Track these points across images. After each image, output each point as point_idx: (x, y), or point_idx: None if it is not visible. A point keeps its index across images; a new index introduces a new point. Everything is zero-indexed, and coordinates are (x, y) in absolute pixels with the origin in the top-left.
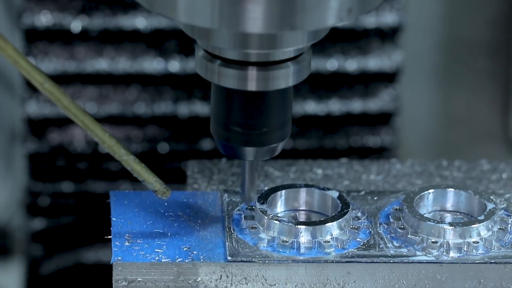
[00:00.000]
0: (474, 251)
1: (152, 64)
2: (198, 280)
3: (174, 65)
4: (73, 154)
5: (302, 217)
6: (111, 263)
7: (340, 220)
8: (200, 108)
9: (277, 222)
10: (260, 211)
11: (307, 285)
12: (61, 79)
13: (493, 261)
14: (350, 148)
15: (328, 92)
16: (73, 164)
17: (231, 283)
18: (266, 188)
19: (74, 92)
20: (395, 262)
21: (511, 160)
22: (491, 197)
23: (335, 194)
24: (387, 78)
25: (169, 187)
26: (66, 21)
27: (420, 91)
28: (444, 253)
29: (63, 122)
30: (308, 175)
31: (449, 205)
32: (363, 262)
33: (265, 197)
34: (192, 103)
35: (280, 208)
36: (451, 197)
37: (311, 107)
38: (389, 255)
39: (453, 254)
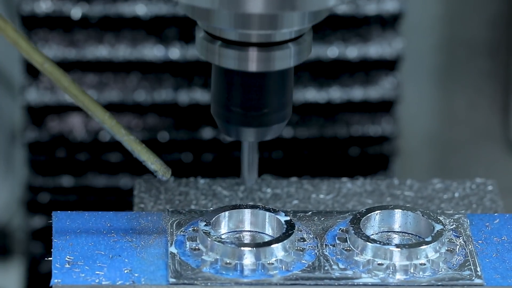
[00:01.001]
0: (421, 273)
1: (152, 51)
2: None
3: (175, 52)
4: (73, 143)
5: (246, 238)
6: (50, 286)
7: (284, 241)
8: (201, 95)
9: (220, 244)
10: (203, 232)
11: None
12: (61, 66)
13: (440, 283)
14: (350, 138)
15: (329, 80)
16: (73, 155)
17: None
18: (211, 209)
19: (74, 79)
20: (340, 285)
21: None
22: (440, 217)
23: (280, 215)
24: (388, 65)
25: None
26: (66, 8)
27: (421, 91)
28: (390, 275)
29: (63, 110)
30: (257, 194)
31: (396, 226)
32: (307, 285)
33: (209, 218)
34: (193, 90)
35: (224, 229)
36: (398, 218)
37: (312, 94)
38: (334, 277)
39: (399, 276)
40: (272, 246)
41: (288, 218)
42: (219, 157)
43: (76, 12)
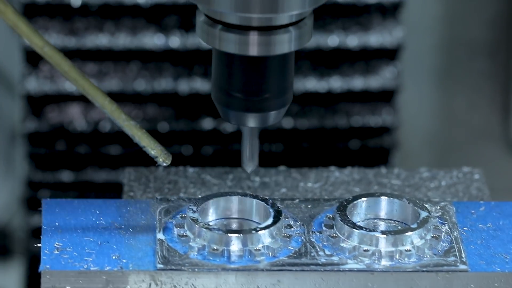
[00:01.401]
0: (406, 259)
1: (153, 40)
2: None
3: (175, 41)
4: (73, 134)
5: (234, 225)
6: (39, 271)
7: (271, 228)
8: (201, 85)
9: (208, 230)
10: (191, 219)
11: None
12: None
13: (424, 269)
14: (350, 128)
15: (329, 69)
16: (73, 148)
17: None
18: (199, 196)
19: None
20: (326, 271)
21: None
22: (426, 205)
23: (268, 202)
24: (388, 54)
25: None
26: None
27: (421, 92)
28: (376, 262)
29: (63, 99)
30: (246, 183)
31: (383, 213)
32: (293, 271)
33: (197, 205)
34: (193, 80)
35: (211, 216)
36: (385, 205)
37: (312, 84)
38: (320, 263)
39: (385, 262)
40: (259, 232)
41: (275, 205)
42: (219, 150)
43: (76, 0)
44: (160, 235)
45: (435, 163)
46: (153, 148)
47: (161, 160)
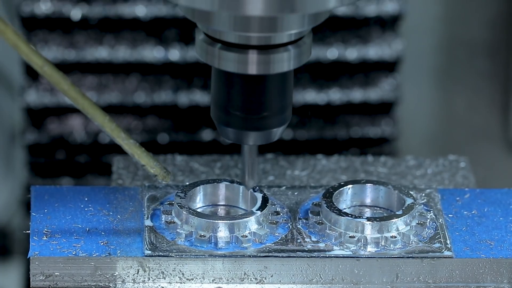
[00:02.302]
0: (391, 245)
1: (152, 53)
2: (115, 274)
3: (174, 54)
4: (73, 145)
5: (221, 212)
6: (28, 257)
7: (258, 215)
8: (200, 97)
9: (195, 217)
10: (179, 206)
11: (224, 279)
12: (60, 68)
13: (410, 255)
14: (350, 139)
15: (329, 81)
16: (73, 157)
17: (149, 278)
18: (187, 184)
19: (74, 81)
20: (312, 257)
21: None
22: (411, 192)
23: (254, 189)
24: (388, 67)
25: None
26: (66, 9)
27: (420, 92)
28: (362, 248)
29: (63, 111)
30: (233, 170)
31: (368, 200)
32: (280, 257)
33: (184, 192)
34: (192, 92)
35: (199, 203)
36: (370, 192)
37: (311, 96)
38: (306, 249)
39: (370, 248)
40: (246, 219)
41: (262, 191)
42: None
43: (76, 13)
44: (148, 222)
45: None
46: (152, 167)
47: (160, 178)
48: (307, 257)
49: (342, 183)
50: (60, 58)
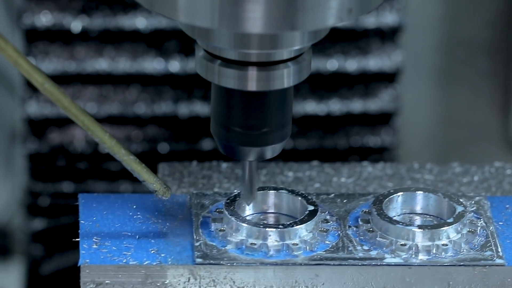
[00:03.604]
0: (443, 253)
1: (152, 64)
2: (166, 282)
3: (174, 65)
4: (74, 154)
5: (271, 220)
6: (78, 265)
7: (308, 222)
8: (201, 108)
9: (245, 225)
10: (229, 214)
11: (275, 287)
12: (61, 79)
13: (462, 263)
14: (350, 148)
15: (329, 92)
16: (73, 164)
17: (199, 286)
18: (235, 191)
19: (74, 92)
20: (363, 265)
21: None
22: (461, 199)
23: (304, 196)
24: (387, 78)
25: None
26: (66, 21)
27: (420, 91)
28: (413, 256)
29: (64, 122)
30: (279, 178)
31: (418, 208)
32: (331, 265)
33: (234, 200)
34: (192, 103)
35: (249, 211)
36: (420, 200)
37: (311, 107)
38: (358, 257)
39: (422, 256)
40: (296, 227)
41: (311, 199)
42: None
43: (76, 26)
44: (197, 230)
45: (435, 163)
46: (152, 182)
47: (160, 194)
48: (359, 265)
49: (392, 191)
50: (60, 69)
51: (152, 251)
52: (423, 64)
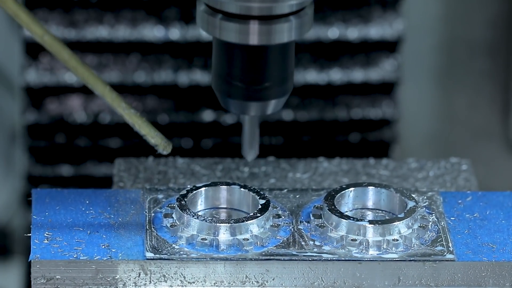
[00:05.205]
0: (393, 248)
1: (152, 32)
2: (116, 277)
3: (175, 33)
4: (73, 126)
5: (222, 215)
6: (29, 260)
7: (259, 218)
8: (201, 77)
9: (197, 220)
10: (180, 209)
11: (226, 282)
12: None
13: (412, 258)
14: (351, 121)
15: (329, 61)
16: (72, 140)
17: (150, 281)
18: (188, 187)
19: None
20: (314, 260)
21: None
22: (413, 195)
23: (256, 192)
24: (389, 47)
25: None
26: None
27: (421, 91)
28: (364, 251)
29: (62, 91)
30: (235, 173)
31: (370, 203)
32: (282, 260)
33: (186, 195)
34: (193, 72)
35: (200, 206)
36: (372, 195)
37: (312, 76)
38: (309, 253)
39: (372, 251)
40: (248, 222)
41: (263, 194)
42: (219, 143)
43: None
44: (149, 225)
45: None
46: (153, 137)
47: (161, 148)
48: (309, 260)
49: (344, 186)
50: (60, 37)
51: (103, 246)
52: (423, 64)
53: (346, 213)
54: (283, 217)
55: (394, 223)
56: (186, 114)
